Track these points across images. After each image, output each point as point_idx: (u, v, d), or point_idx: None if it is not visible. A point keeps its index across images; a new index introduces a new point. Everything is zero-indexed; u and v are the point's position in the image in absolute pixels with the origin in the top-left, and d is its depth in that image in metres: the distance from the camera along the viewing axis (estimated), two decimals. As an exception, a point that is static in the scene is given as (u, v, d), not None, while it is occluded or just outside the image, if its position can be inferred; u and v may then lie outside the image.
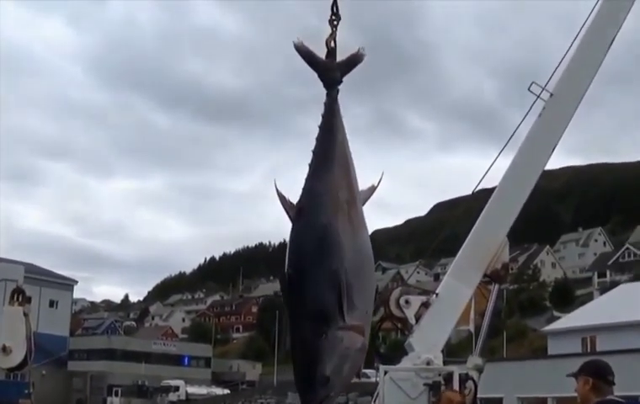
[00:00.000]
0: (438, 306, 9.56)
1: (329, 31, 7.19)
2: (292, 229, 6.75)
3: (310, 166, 6.91)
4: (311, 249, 6.60)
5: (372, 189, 7.16)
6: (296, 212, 6.77)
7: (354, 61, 7.31)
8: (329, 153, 6.96)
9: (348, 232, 6.73)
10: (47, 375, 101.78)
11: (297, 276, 6.59)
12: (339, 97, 7.20)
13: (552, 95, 10.46)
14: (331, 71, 7.22)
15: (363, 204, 7.05)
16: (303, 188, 6.83)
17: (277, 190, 6.75)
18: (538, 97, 10.52)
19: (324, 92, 7.16)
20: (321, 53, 7.23)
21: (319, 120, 7.08)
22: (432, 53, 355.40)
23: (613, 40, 12.01)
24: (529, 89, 10.79)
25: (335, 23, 7.20)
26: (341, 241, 6.63)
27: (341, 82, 7.22)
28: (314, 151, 6.95)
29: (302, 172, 6.92)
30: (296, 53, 7.15)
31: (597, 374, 6.08)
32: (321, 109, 7.11)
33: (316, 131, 7.01)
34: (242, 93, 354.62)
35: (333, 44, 7.17)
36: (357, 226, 6.89)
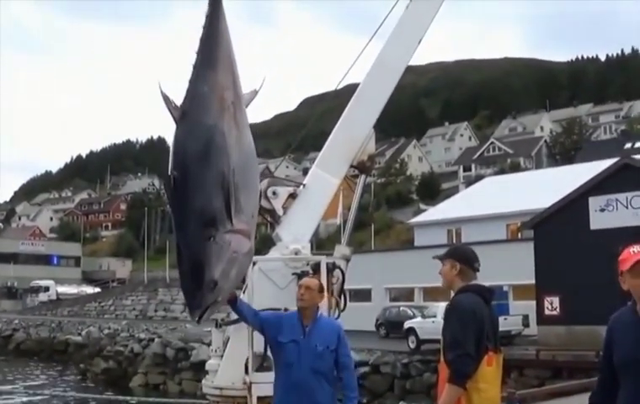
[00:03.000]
0: (305, 196, 9.61)
1: None
2: (177, 130, 6.40)
3: (194, 67, 6.53)
4: (197, 150, 6.31)
5: (254, 93, 6.85)
6: (181, 113, 6.42)
7: None
8: (213, 54, 6.62)
9: (234, 133, 6.48)
10: None
11: (183, 178, 6.28)
12: None
13: (419, -14, 10.46)
14: None
15: (246, 106, 6.82)
16: (187, 90, 6.49)
17: (161, 92, 6.35)
18: (406, -13, 10.51)
19: None
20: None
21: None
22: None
23: None
24: (399, -22, 10.76)
25: None
26: (227, 143, 6.38)
27: None
28: (197, 52, 6.56)
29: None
30: None
31: (464, 259, 6.19)
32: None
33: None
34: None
35: None
36: (242, 127, 6.64)
